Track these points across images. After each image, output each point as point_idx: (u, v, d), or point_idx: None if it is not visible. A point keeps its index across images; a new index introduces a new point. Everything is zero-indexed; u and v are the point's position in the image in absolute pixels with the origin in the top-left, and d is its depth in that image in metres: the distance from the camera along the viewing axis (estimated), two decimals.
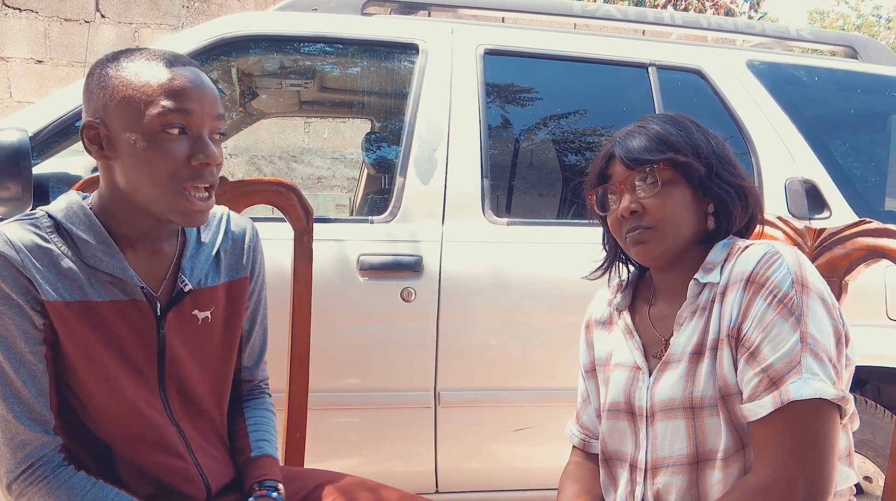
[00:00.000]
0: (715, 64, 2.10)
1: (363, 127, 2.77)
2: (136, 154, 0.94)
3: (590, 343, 1.19)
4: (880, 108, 2.38)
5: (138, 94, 0.93)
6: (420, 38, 1.96)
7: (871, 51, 2.38)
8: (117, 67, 0.95)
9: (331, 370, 1.75)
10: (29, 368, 0.94)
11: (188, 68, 0.97)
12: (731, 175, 1.04)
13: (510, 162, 2.17)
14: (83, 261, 0.97)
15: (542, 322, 1.85)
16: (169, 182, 0.95)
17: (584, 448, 1.20)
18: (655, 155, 1.02)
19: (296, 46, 2.09)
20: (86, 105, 0.98)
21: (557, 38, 2.08)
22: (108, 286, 0.98)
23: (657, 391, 1.02)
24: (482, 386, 1.84)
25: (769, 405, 0.90)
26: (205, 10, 4.69)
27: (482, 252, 1.83)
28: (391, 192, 1.87)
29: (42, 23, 4.52)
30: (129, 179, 0.96)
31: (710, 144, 1.04)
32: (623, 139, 1.06)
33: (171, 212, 0.97)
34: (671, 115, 1.08)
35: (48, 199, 1.75)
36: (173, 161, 0.94)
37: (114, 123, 0.95)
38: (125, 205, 0.98)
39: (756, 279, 0.94)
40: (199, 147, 0.95)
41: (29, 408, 0.94)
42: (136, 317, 1.00)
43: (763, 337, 0.92)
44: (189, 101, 0.95)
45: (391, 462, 1.84)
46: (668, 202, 1.01)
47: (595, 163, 1.09)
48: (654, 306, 1.10)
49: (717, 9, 8.20)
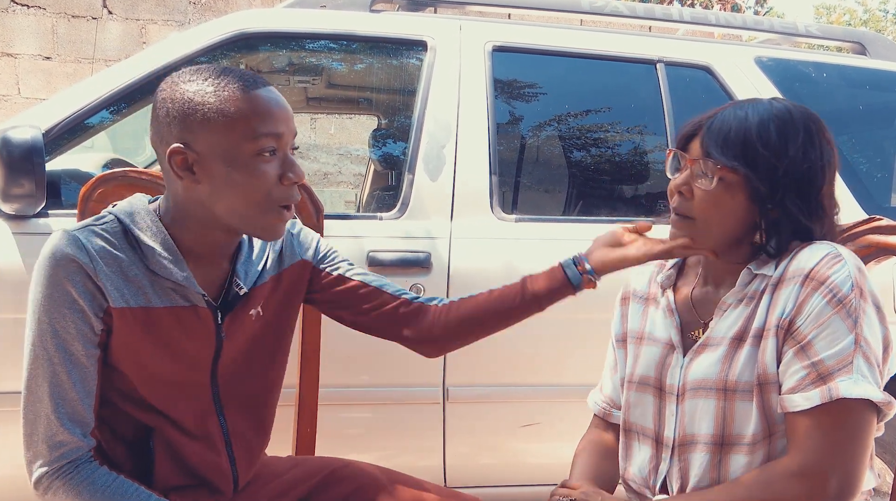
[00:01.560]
0: (723, 60, 2.10)
1: (369, 123, 2.77)
2: (230, 177, 0.96)
3: (624, 315, 1.21)
4: (888, 104, 2.37)
5: (232, 121, 0.95)
6: (428, 34, 1.96)
7: (880, 47, 2.37)
8: (201, 92, 0.96)
9: (340, 366, 1.76)
10: (81, 371, 0.96)
11: (269, 89, 0.99)
12: (801, 211, 1.00)
13: (518, 159, 2.17)
14: (147, 267, 0.99)
15: (551, 319, 1.85)
16: (263, 202, 0.98)
17: (605, 416, 1.22)
18: (726, 157, 0.99)
19: (304, 43, 2.10)
20: (165, 128, 0.98)
21: (566, 35, 2.08)
22: (169, 292, 1.01)
23: (692, 371, 1.03)
24: (491, 382, 1.85)
25: (817, 398, 0.91)
26: (211, 7, 4.70)
27: (491, 249, 1.84)
28: (399, 188, 1.87)
29: (49, 19, 4.54)
30: (220, 199, 0.98)
31: (798, 169, 0.99)
32: (717, 119, 1.02)
33: (260, 229, 1.00)
34: (789, 114, 1.01)
35: (60, 196, 1.77)
36: (267, 182, 0.97)
37: (203, 148, 0.96)
38: (201, 220, 1.01)
39: (815, 277, 0.95)
40: (289, 166, 0.99)
41: (73, 410, 0.96)
42: (196, 322, 1.03)
43: (818, 333, 0.93)
44: (279, 123, 0.98)
45: (400, 458, 1.85)
46: (717, 204, 1.01)
47: (691, 123, 1.06)
48: (698, 289, 1.11)
49: (723, 4, 8.17)
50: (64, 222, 1.64)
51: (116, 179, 1.30)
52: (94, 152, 2.55)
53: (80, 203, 1.27)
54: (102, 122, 1.88)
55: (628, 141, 2.22)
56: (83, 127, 1.79)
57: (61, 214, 1.66)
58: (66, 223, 1.62)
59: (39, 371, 0.95)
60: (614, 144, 2.24)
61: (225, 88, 0.96)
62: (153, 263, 0.99)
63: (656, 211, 2.07)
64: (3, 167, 1.52)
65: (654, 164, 2.18)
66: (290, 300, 1.16)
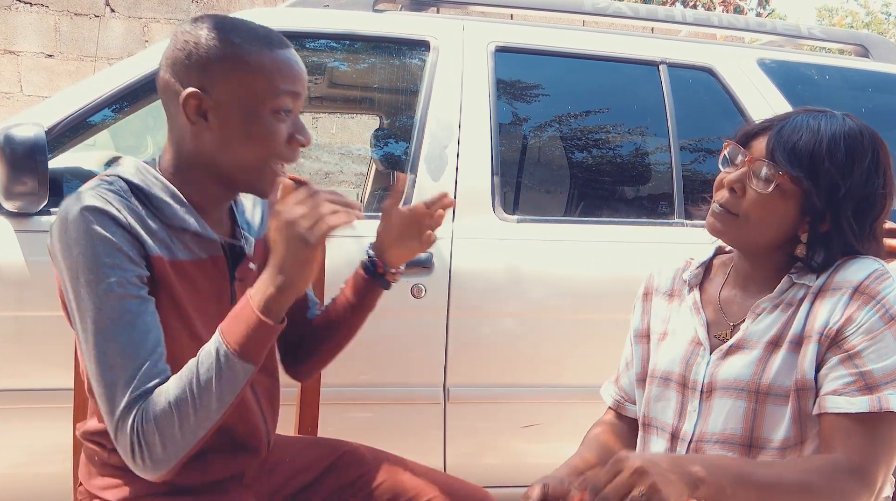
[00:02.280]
0: (726, 62, 2.10)
1: (371, 123, 2.77)
2: (244, 128, 0.96)
3: (646, 310, 1.20)
4: (891, 107, 2.37)
5: (256, 74, 0.95)
6: (431, 34, 1.96)
7: (883, 50, 2.37)
8: (229, 42, 0.95)
9: (341, 366, 1.75)
10: (147, 318, 0.93)
11: (292, 50, 0.99)
12: (854, 233, 0.99)
13: (521, 159, 2.17)
14: (163, 221, 0.98)
15: (552, 319, 1.86)
16: (267, 158, 0.98)
17: (618, 409, 1.23)
18: (791, 165, 0.97)
19: (307, 42, 2.10)
20: (184, 70, 0.96)
21: (569, 36, 2.08)
22: (188, 245, 1.00)
23: (723, 370, 1.03)
24: (492, 382, 1.85)
25: (865, 406, 0.93)
26: (214, 6, 4.71)
27: (492, 249, 1.84)
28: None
29: (52, 17, 4.54)
30: (228, 149, 0.97)
31: (859, 192, 0.99)
32: (788, 125, 1.00)
33: (258, 184, 1.00)
34: (860, 135, 1.01)
35: (62, 193, 1.77)
36: (278, 140, 0.97)
37: (222, 97, 0.95)
38: (204, 171, 1.00)
39: (866, 291, 0.96)
40: (299, 128, 0.99)
41: (153, 357, 0.92)
42: (215, 273, 1.03)
43: (868, 345, 0.94)
44: (298, 84, 0.98)
45: None
46: (768, 209, 1.00)
47: (760, 122, 1.06)
48: (726, 290, 1.11)
49: (726, 6, 8.17)
50: None
51: None
52: (95, 150, 2.55)
53: None
54: (104, 120, 1.88)
55: (630, 142, 2.22)
56: (85, 125, 1.79)
57: None
58: None
59: (110, 332, 0.90)
60: (616, 145, 2.24)
61: (253, 41, 0.96)
62: (170, 215, 0.98)
63: (658, 212, 2.07)
64: (6, 165, 1.52)
65: (656, 165, 2.18)
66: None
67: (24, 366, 1.65)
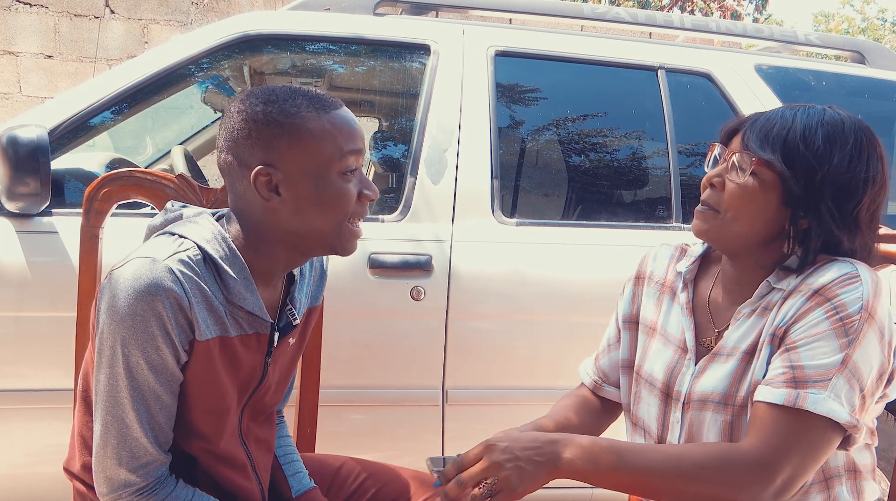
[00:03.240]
0: (724, 67, 2.12)
1: (370, 126, 2.78)
2: (316, 197, 0.96)
3: (636, 295, 1.18)
4: (887, 113, 2.39)
5: (320, 141, 0.96)
6: (432, 38, 1.97)
7: (879, 56, 2.39)
8: (286, 113, 0.96)
9: (340, 368, 1.76)
10: (169, 396, 0.96)
11: (345, 109, 1.00)
12: (834, 220, 0.95)
13: (520, 163, 2.18)
14: (226, 297, 0.98)
15: (551, 322, 1.87)
16: (343, 219, 0.99)
17: (595, 389, 1.21)
18: (764, 150, 0.96)
19: (308, 46, 2.11)
20: (247, 150, 0.97)
21: (568, 41, 2.10)
22: (240, 321, 1.00)
23: (702, 382, 1.02)
24: (490, 385, 1.86)
25: (781, 398, 0.90)
26: (214, 7, 4.71)
27: (492, 252, 1.85)
28: (401, 191, 1.89)
29: (52, 18, 4.54)
30: (303, 218, 0.97)
31: (839, 178, 0.95)
32: (764, 116, 1.00)
33: (339, 245, 1.01)
34: (841, 122, 0.98)
35: (64, 194, 1.77)
36: (351, 199, 0.99)
37: (291, 169, 0.96)
38: (277, 242, 1.00)
39: (824, 293, 0.93)
40: (366, 184, 1.01)
41: (160, 432, 0.96)
42: (255, 348, 1.03)
43: (808, 342, 0.92)
44: (359, 141, 0.99)
45: (399, 460, 1.85)
46: (747, 200, 0.97)
47: (735, 121, 1.05)
48: (715, 291, 1.09)
49: (723, 11, 8.20)
50: (67, 221, 1.65)
51: (122, 179, 1.30)
52: (95, 152, 2.55)
53: (85, 202, 1.27)
54: (105, 122, 1.89)
55: (629, 146, 2.23)
56: (87, 127, 1.80)
57: (64, 212, 1.67)
58: (69, 222, 1.64)
59: (126, 400, 0.94)
60: (615, 150, 2.25)
61: (309, 109, 0.96)
62: (233, 292, 0.98)
63: (656, 216, 2.08)
64: (9, 166, 1.52)
65: (654, 169, 2.19)
66: (307, 336, 1.17)
67: (24, 367, 1.65)
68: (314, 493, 1.16)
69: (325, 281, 1.19)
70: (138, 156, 3.05)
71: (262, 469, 1.11)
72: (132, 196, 1.30)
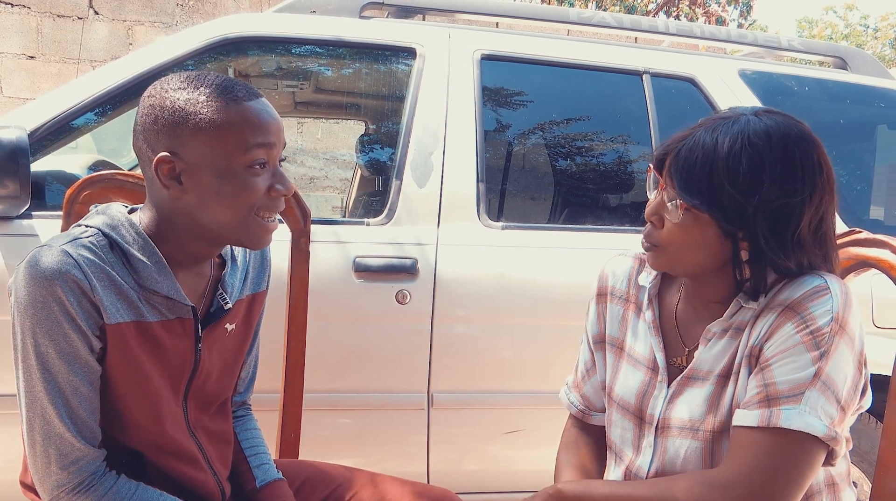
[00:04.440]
0: (708, 72, 2.13)
1: (356, 128, 2.78)
2: (219, 188, 0.95)
3: (601, 314, 1.14)
4: (868, 118, 2.42)
5: (224, 132, 0.93)
6: (418, 42, 1.97)
7: (861, 62, 2.42)
8: (193, 101, 0.94)
9: (325, 372, 1.76)
10: (87, 388, 0.94)
11: (261, 100, 0.97)
12: (773, 250, 0.91)
13: (506, 166, 2.19)
14: (137, 281, 0.97)
15: (536, 325, 1.87)
16: (248, 212, 0.97)
17: (584, 418, 1.17)
18: (690, 194, 0.91)
19: (293, 48, 2.10)
20: (153, 135, 0.95)
21: (554, 45, 2.10)
22: (157, 306, 0.99)
23: (677, 408, 1.00)
24: (475, 389, 1.85)
25: (755, 420, 0.89)
26: (199, 9, 4.68)
27: (477, 256, 1.85)
28: (387, 194, 1.88)
29: (34, 18, 4.50)
30: (206, 208, 0.96)
31: (771, 205, 0.90)
32: (686, 146, 0.93)
33: (245, 238, 0.99)
34: (767, 140, 0.91)
35: (45, 197, 1.75)
36: (256, 193, 0.96)
37: (193, 158, 0.94)
38: (186, 231, 0.99)
39: (794, 307, 0.91)
40: (279, 179, 0.98)
41: (84, 426, 0.94)
42: (181, 334, 1.01)
43: (779, 358, 0.90)
44: (270, 134, 0.96)
45: (384, 464, 1.85)
46: (686, 236, 0.94)
47: (664, 144, 0.99)
48: (682, 306, 1.05)
49: (708, 17, 8.27)
50: (47, 224, 1.63)
51: (103, 182, 1.29)
52: (78, 154, 2.53)
53: (66, 205, 1.26)
54: (88, 123, 1.87)
55: (614, 150, 2.24)
56: (69, 128, 1.78)
57: (45, 215, 1.65)
58: (50, 225, 1.62)
59: (43, 394, 0.92)
60: (600, 154, 2.26)
61: (217, 98, 0.94)
62: (143, 277, 0.97)
63: (641, 220, 2.09)
64: None
65: (639, 173, 2.20)
66: (252, 323, 1.15)
67: (5, 371, 1.63)
68: (280, 484, 1.14)
69: (267, 267, 1.18)
70: (121, 158, 3.02)
71: (216, 461, 1.09)
72: (113, 199, 1.28)
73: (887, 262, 1.13)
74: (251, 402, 1.26)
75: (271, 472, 1.16)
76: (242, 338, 1.13)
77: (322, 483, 1.20)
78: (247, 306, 1.12)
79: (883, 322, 1.95)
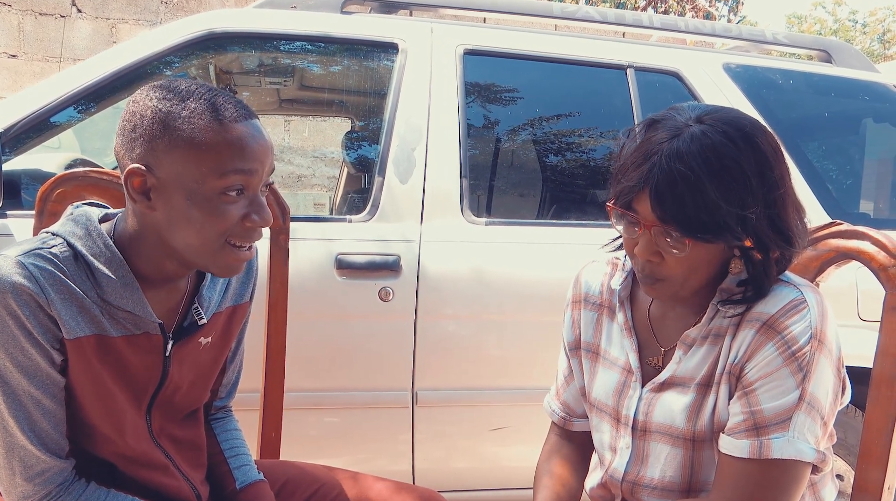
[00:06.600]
0: (692, 66, 2.12)
1: (344, 126, 2.76)
2: (187, 211, 0.89)
3: (575, 321, 1.14)
4: (854, 111, 2.42)
5: (200, 153, 0.87)
6: (400, 37, 1.96)
7: (846, 55, 2.42)
8: (174, 115, 0.87)
9: (307, 370, 1.74)
10: (49, 400, 0.91)
11: (250, 122, 0.90)
12: (777, 243, 0.91)
13: (489, 162, 2.17)
14: (101, 296, 0.92)
15: (520, 322, 1.86)
16: (217, 239, 0.91)
17: (565, 425, 1.17)
18: (696, 232, 0.88)
19: (275, 44, 2.08)
20: (129, 143, 0.89)
21: (537, 39, 2.09)
22: (122, 321, 0.95)
23: (657, 412, 1.00)
24: (460, 386, 1.84)
25: (746, 451, 0.89)
26: (183, 6, 4.65)
27: (461, 252, 1.84)
28: (370, 191, 1.87)
29: (16, 16, 4.45)
30: (174, 230, 0.90)
31: (767, 203, 0.89)
32: (661, 182, 0.88)
33: (212, 265, 0.93)
34: (731, 144, 0.88)
35: (20, 196, 1.73)
36: (228, 221, 0.90)
37: (165, 175, 0.88)
38: (155, 248, 0.93)
39: (773, 325, 0.91)
40: (256, 209, 0.91)
41: (48, 437, 0.91)
42: (147, 348, 0.98)
43: (763, 383, 0.90)
44: (252, 161, 0.89)
45: (369, 462, 1.84)
46: (691, 261, 0.92)
47: (623, 174, 0.92)
48: (655, 306, 1.05)
49: (696, 12, 8.29)
50: (22, 223, 1.60)
51: (77, 180, 1.27)
52: (60, 152, 2.50)
53: (38, 203, 1.24)
54: (69, 121, 1.84)
55: (599, 145, 2.23)
56: (46, 126, 1.75)
57: (20, 214, 1.63)
58: (25, 225, 1.59)
59: (3, 406, 0.89)
60: (585, 149, 2.25)
61: (201, 115, 0.87)
62: (107, 291, 0.92)
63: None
64: None
65: None
66: (232, 335, 1.12)
67: None
68: (261, 485, 1.12)
69: (252, 278, 1.13)
70: (105, 157, 2.99)
71: (187, 467, 1.07)
72: (87, 197, 1.26)
73: (867, 253, 1.12)
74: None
75: (252, 473, 1.14)
76: (219, 351, 1.10)
77: (304, 483, 1.19)
78: (226, 319, 1.08)
79: (868, 315, 1.94)
